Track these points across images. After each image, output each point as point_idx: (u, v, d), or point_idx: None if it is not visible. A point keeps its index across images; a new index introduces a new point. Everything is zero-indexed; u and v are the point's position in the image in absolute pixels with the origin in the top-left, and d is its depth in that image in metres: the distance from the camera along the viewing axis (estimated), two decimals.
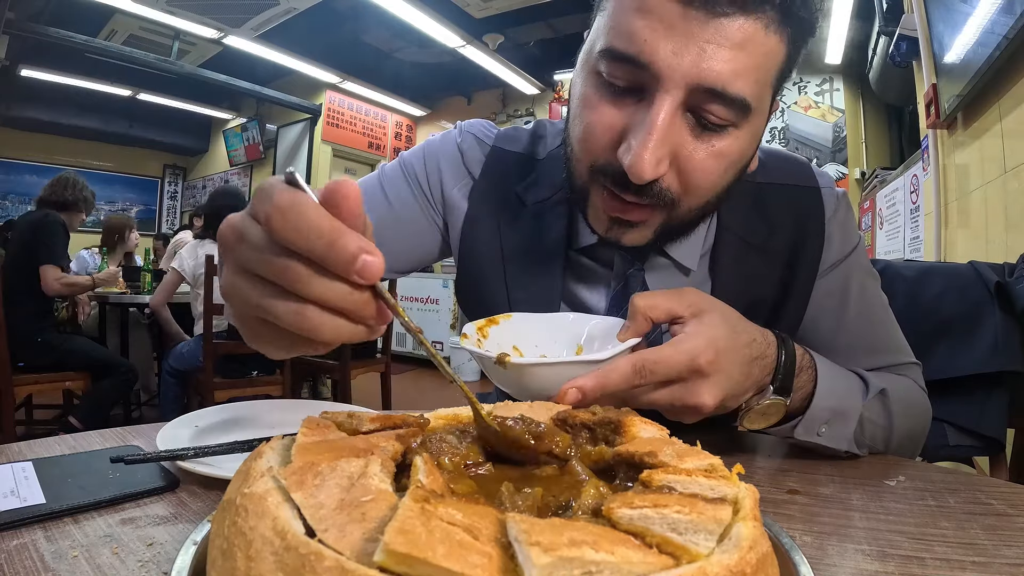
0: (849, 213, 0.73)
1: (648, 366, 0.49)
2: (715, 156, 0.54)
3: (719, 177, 0.56)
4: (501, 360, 0.51)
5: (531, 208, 0.73)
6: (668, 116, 0.51)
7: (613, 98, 0.54)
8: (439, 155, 0.79)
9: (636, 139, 0.51)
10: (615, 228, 0.60)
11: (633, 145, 0.51)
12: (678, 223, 0.60)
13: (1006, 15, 1.84)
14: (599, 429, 0.39)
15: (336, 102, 6.83)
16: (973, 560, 0.39)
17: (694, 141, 0.54)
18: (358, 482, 0.25)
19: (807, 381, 0.60)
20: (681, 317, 0.53)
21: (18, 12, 4.43)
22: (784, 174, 0.73)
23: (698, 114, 0.52)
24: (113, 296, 3.35)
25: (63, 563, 0.35)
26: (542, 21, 4.99)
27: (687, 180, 0.55)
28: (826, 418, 0.60)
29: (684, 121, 0.53)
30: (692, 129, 0.53)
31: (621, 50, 0.51)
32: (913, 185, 3.27)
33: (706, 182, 0.56)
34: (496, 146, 0.79)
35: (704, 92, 0.50)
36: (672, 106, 0.51)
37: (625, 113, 0.54)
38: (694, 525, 0.23)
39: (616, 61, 0.52)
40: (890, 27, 3.20)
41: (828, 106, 5.05)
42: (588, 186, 0.60)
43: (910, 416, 0.68)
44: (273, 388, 2.64)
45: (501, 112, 6.67)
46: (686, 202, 0.57)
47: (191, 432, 0.60)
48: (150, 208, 8.24)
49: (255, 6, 4.81)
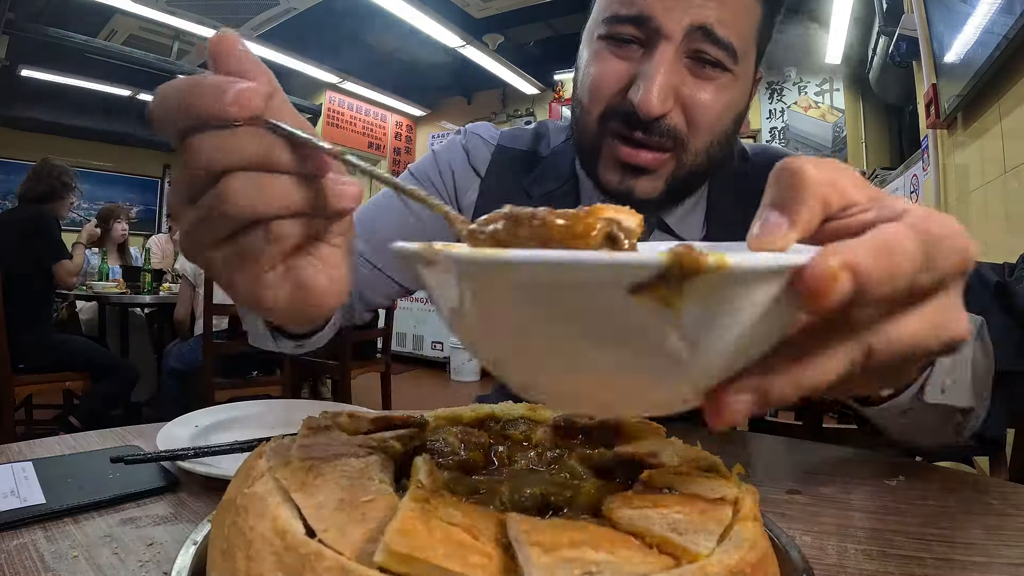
0: None
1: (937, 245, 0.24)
2: (713, 93, 0.62)
3: (718, 115, 0.63)
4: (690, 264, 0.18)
5: (538, 200, 0.74)
6: (670, 59, 0.60)
7: (619, 51, 0.63)
8: (449, 159, 0.81)
9: (644, 80, 0.60)
10: (627, 178, 0.65)
11: (641, 85, 0.60)
12: (685, 173, 0.65)
13: (1006, 15, 1.84)
14: (597, 433, 0.39)
15: (336, 102, 6.82)
16: (973, 560, 0.39)
17: (694, 80, 0.62)
18: (358, 482, 0.25)
19: None
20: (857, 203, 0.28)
21: (18, 12, 4.43)
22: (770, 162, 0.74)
23: (695, 58, 0.61)
24: (113, 296, 3.35)
25: (63, 563, 0.35)
26: (542, 21, 4.99)
27: (691, 115, 0.62)
28: (950, 366, 0.48)
29: (683, 65, 0.61)
30: (692, 70, 0.62)
31: (624, 13, 0.61)
32: (913, 185, 3.27)
33: (707, 117, 0.62)
34: (501, 144, 0.81)
35: (697, 34, 0.59)
36: (672, 51, 0.60)
37: (631, 63, 0.62)
38: (694, 525, 0.23)
39: (620, 23, 0.61)
40: (890, 27, 3.20)
41: (828, 106, 5.05)
42: (599, 138, 0.65)
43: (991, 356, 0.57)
44: (273, 388, 2.64)
45: (501, 112, 6.66)
46: (692, 143, 0.63)
47: (191, 432, 0.60)
48: (150, 208, 8.23)
49: (255, 6, 4.81)
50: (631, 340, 0.20)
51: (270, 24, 5.10)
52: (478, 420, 0.42)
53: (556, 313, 0.19)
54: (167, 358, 2.93)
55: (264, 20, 5.03)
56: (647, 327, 0.19)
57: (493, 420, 0.42)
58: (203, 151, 0.27)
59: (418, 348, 5.57)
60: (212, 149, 0.27)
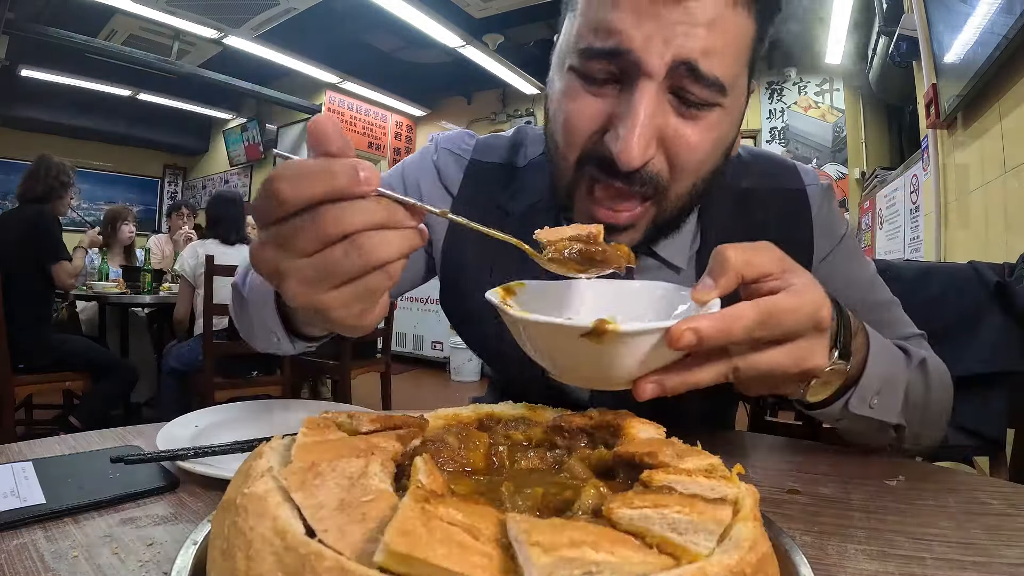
0: (833, 203, 0.74)
1: (775, 315, 0.42)
2: (700, 132, 0.55)
3: (705, 155, 0.57)
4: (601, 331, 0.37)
5: (515, 217, 0.73)
6: (652, 100, 0.52)
7: (594, 89, 0.56)
8: (417, 174, 0.78)
9: (623, 126, 0.53)
10: None
11: (621, 132, 0.53)
12: (666, 217, 0.60)
13: (1006, 15, 1.84)
14: (597, 433, 0.39)
15: (336, 102, 6.83)
16: (973, 560, 0.39)
17: (678, 120, 0.55)
18: (358, 482, 0.25)
19: (861, 345, 0.56)
20: (771, 274, 0.46)
21: (18, 12, 4.44)
22: (769, 178, 0.73)
23: (679, 95, 0.54)
24: (113, 296, 3.35)
25: (63, 563, 0.35)
26: (542, 21, 4.99)
27: (675, 159, 0.56)
28: (877, 387, 0.57)
29: (667, 103, 0.54)
30: (676, 109, 0.55)
31: (598, 47, 0.53)
32: (913, 185, 3.27)
33: (693, 159, 0.57)
34: (474, 159, 0.78)
35: (681, 72, 0.52)
36: (653, 90, 0.52)
37: (608, 102, 0.55)
38: (694, 525, 0.23)
39: (594, 59, 0.54)
40: (890, 27, 3.20)
41: (828, 106, 5.05)
42: (574, 184, 0.60)
43: (943, 387, 0.66)
44: (273, 388, 2.64)
45: (501, 112, 6.67)
46: (675, 187, 0.58)
47: (191, 432, 0.60)
48: (150, 208, 8.24)
49: (255, 6, 4.81)
50: (586, 355, 0.39)
51: (270, 24, 5.10)
52: (478, 420, 0.42)
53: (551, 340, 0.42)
54: (166, 358, 2.93)
55: (264, 20, 5.03)
56: (591, 350, 0.39)
57: (493, 420, 0.42)
58: (343, 217, 0.36)
59: (418, 348, 5.57)
60: (351, 214, 0.36)
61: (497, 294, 0.47)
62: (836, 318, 0.52)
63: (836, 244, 0.73)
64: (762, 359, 0.44)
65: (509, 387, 0.87)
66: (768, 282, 0.45)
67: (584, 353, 0.39)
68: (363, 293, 0.39)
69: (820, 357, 0.46)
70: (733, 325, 0.40)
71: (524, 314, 0.40)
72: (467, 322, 0.79)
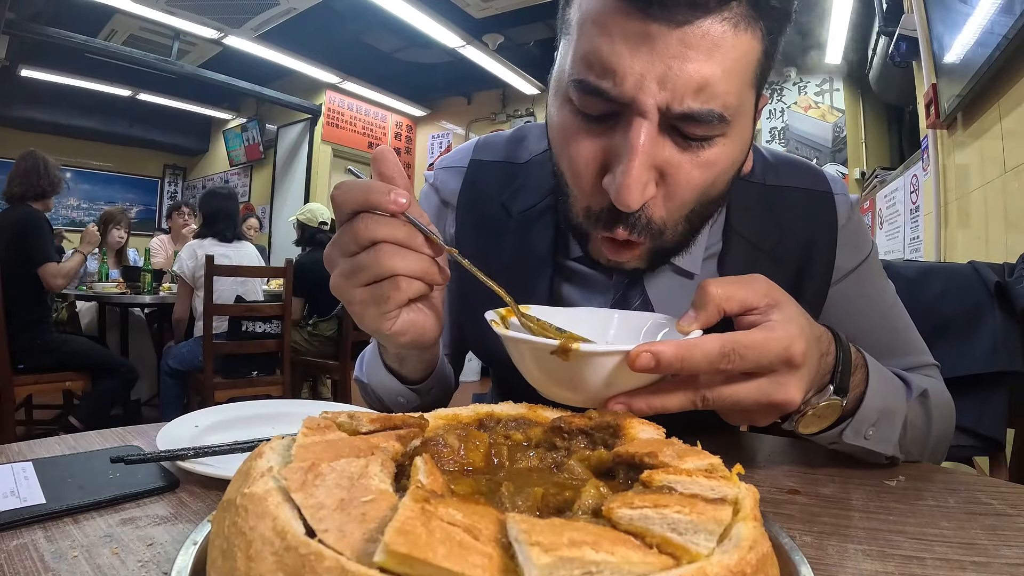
0: (861, 220, 0.74)
1: (739, 349, 0.43)
2: (703, 167, 0.52)
3: (710, 187, 0.55)
4: (565, 348, 0.41)
5: (517, 219, 0.72)
6: (648, 139, 0.49)
7: (590, 126, 0.53)
8: (423, 206, 0.78)
9: (620, 168, 0.50)
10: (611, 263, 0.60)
11: (617, 175, 0.50)
12: (669, 245, 0.59)
13: (1006, 15, 1.84)
14: (597, 434, 0.39)
15: (336, 102, 6.83)
16: (973, 560, 0.39)
17: (680, 155, 0.52)
18: (358, 482, 0.25)
19: (860, 381, 0.56)
20: (756, 308, 0.48)
21: (18, 12, 4.44)
22: (796, 178, 0.72)
23: (679, 129, 0.51)
24: (113, 296, 3.35)
25: (63, 563, 0.35)
26: (542, 21, 4.99)
27: (675, 195, 0.53)
28: (874, 419, 0.57)
29: (666, 138, 0.51)
30: (676, 144, 0.52)
31: (591, 83, 0.50)
32: (913, 185, 3.27)
33: (694, 194, 0.54)
34: (474, 159, 0.78)
35: (676, 115, 0.49)
36: (649, 129, 0.49)
37: (605, 140, 0.53)
38: (694, 525, 0.23)
39: (587, 94, 0.51)
40: (890, 27, 3.20)
41: (828, 106, 5.05)
42: (586, 228, 0.59)
43: (945, 418, 0.66)
44: (273, 388, 2.65)
45: (501, 112, 6.66)
46: (667, 232, 0.56)
47: (191, 432, 0.60)
48: (150, 208, 8.24)
49: (255, 6, 4.81)
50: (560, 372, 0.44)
51: (270, 24, 5.10)
52: (478, 420, 0.42)
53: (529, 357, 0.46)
54: (165, 358, 2.93)
55: (264, 20, 5.03)
56: (562, 368, 0.43)
57: (493, 420, 0.42)
58: (369, 226, 0.46)
59: None
60: (376, 225, 0.46)
61: (498, 313, 0.52)
62: (838, 355, 0.53)
63: (861, 261, 0.71)
64: (727, 391, 0.46)
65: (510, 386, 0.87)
66: (751, 315, 0.48)
67: (558, 371, 0.44)
68: (377, 296, 0.47)
69: (791, 393, 0.46)
70: (692, 354, 0.42)
71: (504, 331, 0.46)
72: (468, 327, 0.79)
